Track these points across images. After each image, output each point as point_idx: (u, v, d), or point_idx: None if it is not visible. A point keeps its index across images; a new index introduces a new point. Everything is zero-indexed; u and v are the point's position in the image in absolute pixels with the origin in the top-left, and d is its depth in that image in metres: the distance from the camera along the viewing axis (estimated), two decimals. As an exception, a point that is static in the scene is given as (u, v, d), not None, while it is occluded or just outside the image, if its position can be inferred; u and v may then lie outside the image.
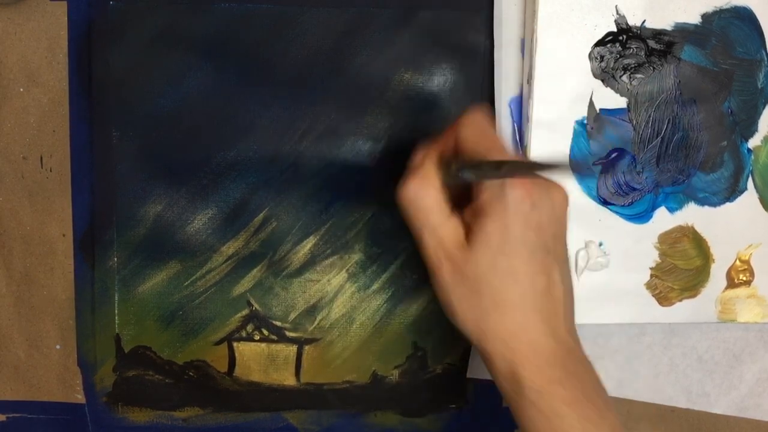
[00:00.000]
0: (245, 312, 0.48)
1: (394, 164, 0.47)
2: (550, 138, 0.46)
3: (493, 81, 0.46)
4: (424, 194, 0.38)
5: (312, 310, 0.48)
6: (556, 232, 0.38)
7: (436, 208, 0.38)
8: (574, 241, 0.47)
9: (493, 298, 0.37)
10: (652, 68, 0.46)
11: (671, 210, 0.47)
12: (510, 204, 0.36)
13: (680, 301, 0.48)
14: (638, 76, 0.46)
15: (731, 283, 0.48)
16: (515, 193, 0.36)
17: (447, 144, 0.40)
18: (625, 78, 0.46)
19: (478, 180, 0.38)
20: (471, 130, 0.39)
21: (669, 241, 0.48)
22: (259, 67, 0.46)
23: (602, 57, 0.46)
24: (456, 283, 0.37)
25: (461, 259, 0.37)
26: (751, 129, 0.47)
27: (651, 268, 0.48)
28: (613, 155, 0.47)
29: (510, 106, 0.47)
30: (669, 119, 0.47)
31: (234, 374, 0.48)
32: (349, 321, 0.48)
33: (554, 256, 0.37)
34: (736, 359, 0.50)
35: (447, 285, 0.38)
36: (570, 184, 0.46)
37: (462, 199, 0.39)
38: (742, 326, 0.50)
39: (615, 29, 0.45)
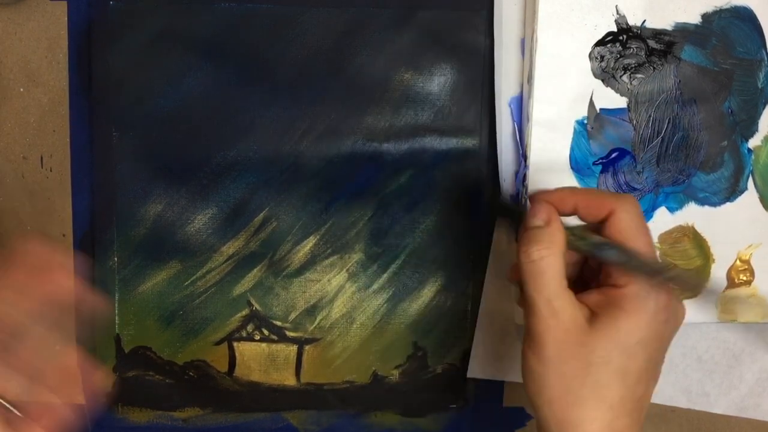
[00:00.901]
0: (245, 312, 0.48)
1: (395, 165, 0.47)
2: (550, 138, 0.46)
3: (493, 81, 0.46)
4: (550, 261, 0.37)
5: (312, 310, 0.48)
6: (667, 347, 0.37)
7: (557, 277, 0.37)
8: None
9: (595, 391, 0.35)
10: (652, 68, 0.46)
11: (671, 210, 0.47)
12: (652, 310, 0.36)
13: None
14: (638, 76, 0.46)
15: (731, 283, 0.48)
16: (661, 301, 0.36)
17: (567, 206, 0.39)
18: (625, 78, 0.46)
19: (626, 270, 0.37)
20: (628, 219, 0.37)
21: (669, 241, 0.48)
22: (259, 67, 0.46)
23: (602, 57, 0.46)
24: (560, 361, 0.36)
25: (576, 340, 0.36)
26: (751, 129, 0.47)
27: (651, 268, 0.48)
28: (613, 155, 0.47)
29: (510, 106, 0.47)
30: (669, 119, 0.47)
31: (234, 374, 0.48)
32: (349, 321, 0.48)
33: (657, 371, 0.37)
34: (736, 359, 0.50)
35: (547, 359, 0.36)
36: (570, 184, 0.46)
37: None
38: (742, 326, 0.50)
39: (615, 29, 0.45)
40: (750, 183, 0.48)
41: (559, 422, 0.36)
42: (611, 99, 0.46)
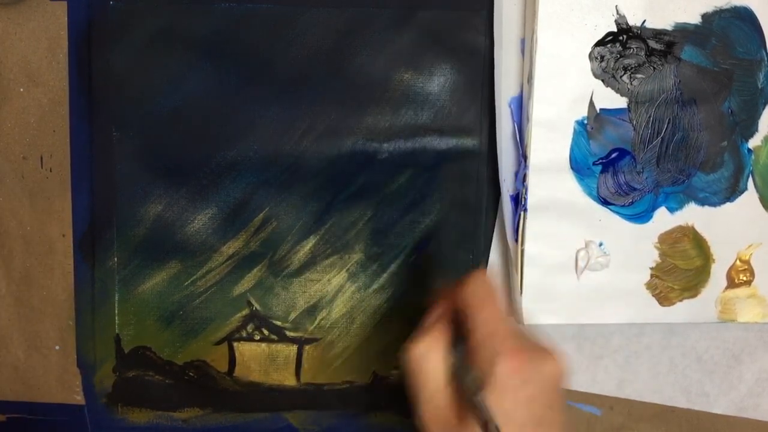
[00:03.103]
0: (245, 312, 0.48)
1: (395, 165, 0.47)
2: (550, 138, 0.46)
3: (493, 81, 0.46)
4: (428, 359, 0.38)
5: (312, 310, 0.48)
6: (550, 402, 0.37)
7: (436, 375, 0.38)
8: (574, 241, 0.47)
9: None
10: (652, 68, 0.46)
11: (671, 210, 0.47)
12: (500, 379, 0.36)
13: (680, 301, 0.48)
14: (638, 76, 0.46)
15: (731, 283, 0.48)
16: (505, 369, 0.36)
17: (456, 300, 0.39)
18: (625, 78, 0.46)
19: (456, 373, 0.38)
20: (471, 294, 0.38)
21: (669, 241, 0.48)
22: (259, 67, 0.46)
23: (602, 57, 0.46)
24: None
25: (452, 427, 0.37)
26: (751, 129, 0.47)
27: (651, 268, 0.48)
28: (613, 155, 0.47)
29: (510, 106, 0.47)
30: (669, 119, 0.47)
31: (234, 374, 0.48)
32: (349, 321, 0.48)
33: (547, 426, 0.37)
34: (736, 359, 0.50)
35: None
36: (570, 184, 0.47)
37: None
38: (742, 326, 0.50)
39: (615, 29, 0.45)
40: (750, 183, 0.48)
41: None
42: (611, 99, 0.46)
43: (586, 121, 0.46)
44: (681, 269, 0.48)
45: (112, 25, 0.45)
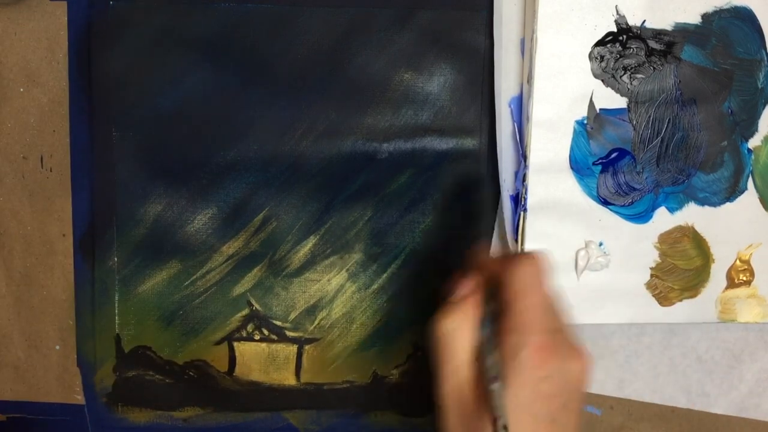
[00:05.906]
0: (245, 312, 0.48)
1: (395, 165, 0.47)
2: (550, 138, 0.46)
3: (493, 81, 0.46)
4: (456, 336, 0.37)
5: (312, 310, 0.48)
6: (567, 402, 0.37)
7: (464, 350, 0.37)
8: (574, 241, 0.47)
9: None
10: (652, 68, 0.46)
11: (671, 210, 0.47)
12: (522, 370, 0.35)
13: (680, 301, 0.48)
14: (638, 76, 0.46)
15: (731, 283, 0.48)
16: (531, 360, 0.35)
17: (494, 280, 0.39)
18: (625, 78, 0.46)
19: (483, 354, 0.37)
20: (518, 278, 0.37)
21: (669, 241, 0.48)
22: (259, 67, 0.46)
23: (602, 57, 0.46)
24: (460, 429, 0.37)
25: (470, 409, 0.37)
26: (751, 129, 0.47)
27: (651, 268, 0.48)
28: (613, 155, 0.47)
29: (510, 106, 0.47)
30: (669, 119, 0.47)
31: (234, 374, 0.48)
32: (349, 320, 0.48)
33: (560, 426, 0.37)
34: (736, 359, 0.50)
35: (450, 427, 0.37)
36: (570, 184, 0.47)
37: None
38: (742, 326, 0.50)
39: (615, 29, 0.45)
40: (750, 183, 0.48)
41: None
42: (611, 99, 0.46)
43: (585, 121, 0.46)
44: (681, 269, 0.48)
45: (112, 25, 0.45)
